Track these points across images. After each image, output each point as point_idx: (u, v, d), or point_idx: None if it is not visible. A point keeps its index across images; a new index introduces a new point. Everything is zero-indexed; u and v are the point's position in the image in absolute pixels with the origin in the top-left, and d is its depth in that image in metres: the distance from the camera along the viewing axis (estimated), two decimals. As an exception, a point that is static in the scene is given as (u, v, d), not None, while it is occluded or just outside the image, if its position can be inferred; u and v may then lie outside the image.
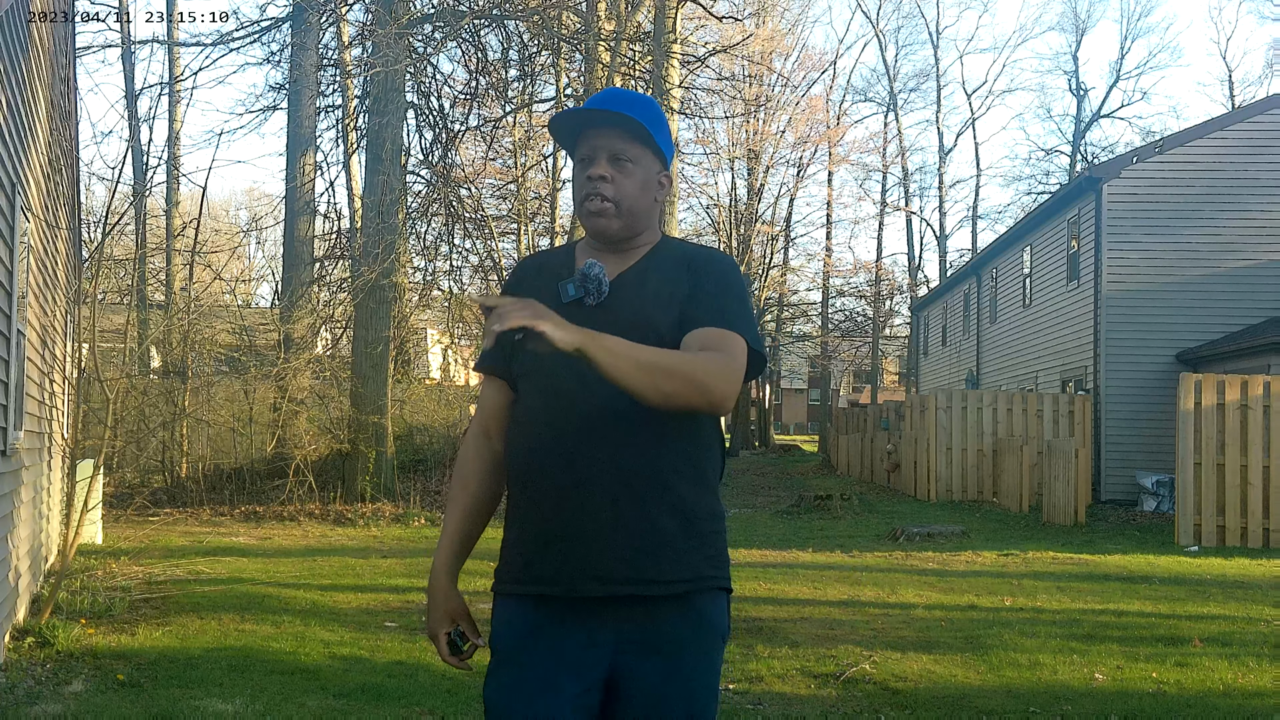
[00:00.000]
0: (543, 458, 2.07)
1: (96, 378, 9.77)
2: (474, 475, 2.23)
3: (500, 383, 2.23)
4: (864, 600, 8.38)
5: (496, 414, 2.24)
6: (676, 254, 2.21)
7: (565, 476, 2.04)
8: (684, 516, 2.07)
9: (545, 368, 2.08)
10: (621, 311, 2.11)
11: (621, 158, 2.16)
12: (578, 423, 2.05)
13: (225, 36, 17.83)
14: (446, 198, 19.05)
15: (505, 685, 2.11)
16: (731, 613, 2.21)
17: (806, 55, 41.74)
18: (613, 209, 2.15)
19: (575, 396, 2.06)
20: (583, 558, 2.03)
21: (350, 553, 11.07)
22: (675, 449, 2.08)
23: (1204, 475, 12.43)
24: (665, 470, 2.06)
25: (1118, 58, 63.38)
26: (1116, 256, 17.97)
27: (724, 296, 2.13)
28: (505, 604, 2.15)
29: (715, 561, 2.11)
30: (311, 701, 5.21)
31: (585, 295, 2.12)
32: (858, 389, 63.13)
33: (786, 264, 42.97)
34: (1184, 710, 5.31)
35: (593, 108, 2.19)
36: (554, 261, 2.27)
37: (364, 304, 15.94)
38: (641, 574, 2.03)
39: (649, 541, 2.04)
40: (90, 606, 7.22)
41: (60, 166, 8.94)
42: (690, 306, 2.11)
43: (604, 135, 2.17)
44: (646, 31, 19.07)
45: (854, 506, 16.16)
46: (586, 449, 2.03)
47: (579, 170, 2.20)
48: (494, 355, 2.20)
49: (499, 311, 1.88)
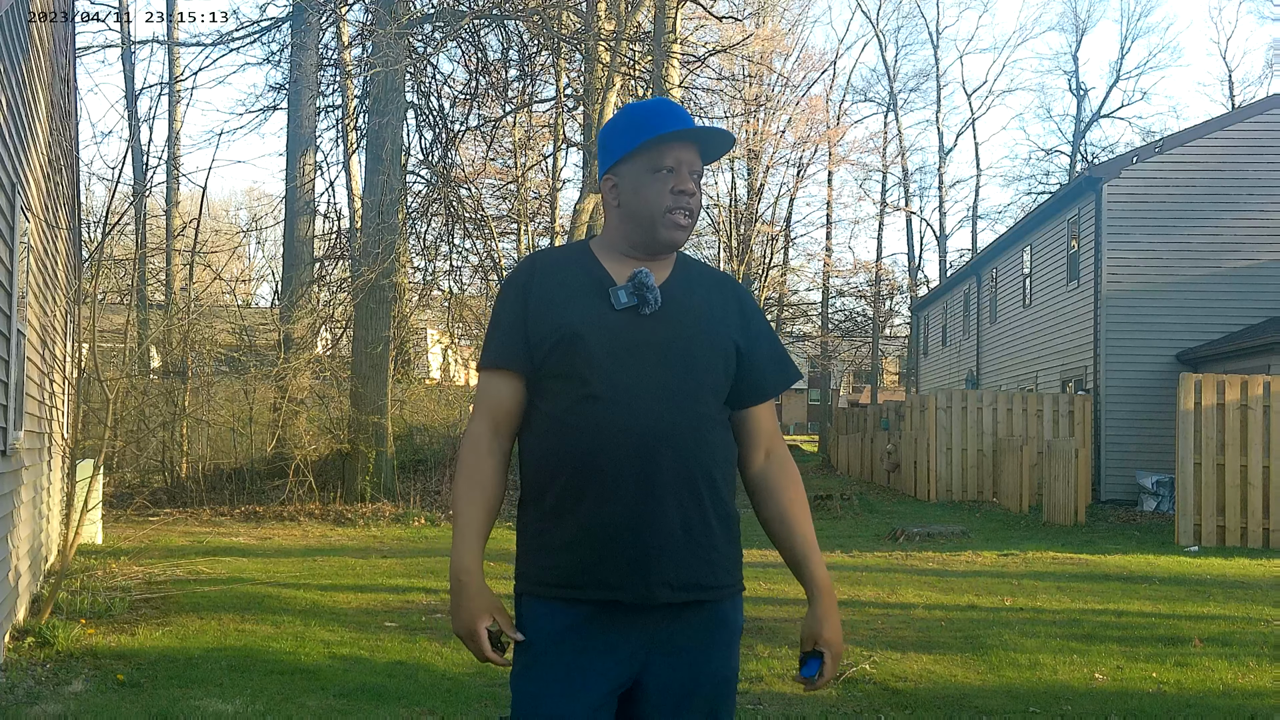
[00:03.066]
0: (606, 459, 2.05)
1: (96, 378, 9.78)
2: (491, 473, 2.18)
3: (518, 381, 2.18)
4: (864, 600, 8.38)
5: (512, 412, 2.20)
6: (707, 274, 2.30)
7: (631, 479, 2.05)
8: (726, 520, 2.16)
9: (597, 369, 2.08)
10: (679, 323, 2.16)
11: (698, 174, 2.22)
12: (639, 426, 2.06)
13: (225, 36, 17.85)
14: (446, 198, 19.05)
15: (540, 684, 2.11)
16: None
17: (806, 55, 41.79)
18: (691, 224, 2.22)
19: (633, 402, 2.07)
20: (656, 562, 2.05)
21: (350, 553, 11.06)
22: (719, 455, 2.14)
23: (1204, 475, 12.43)
24: (715, 475, 2.12)
25: (1118, 58, 63.44)
26: (1116, 256, 17.97)
27: (774, 340, 2.31)
28: (539, 604, 2.13)
29: (741, 565, 2.22)
30: (311, 701, 5.21)
31: (641, 304, 2.14)
32: (858, 389, 63.15)
33: (786, 264, 42.99)
34: (1184, 710, 5.31)
35: (685, 125, 2.20)
36: (572, 260, 2.24)
37: (364, 304, 15.93)
38: (704, 580, 2.11)
39: (707, 547, 2.11)
40: (90, 606, 7.22)
41: (60, 166, 8.93)
42: (755, 357, 2.24)
43: (686, 150, 2.20)
44: (646, 31, 19.06)
45: (854, 506, 16.17)
46: (648, 452, 2.05)
47: (657, 178, 2.18)
48: (515, 351, 2.17)
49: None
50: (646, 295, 2.14)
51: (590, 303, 2.13)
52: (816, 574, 2.23)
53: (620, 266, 2.21)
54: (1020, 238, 23.01)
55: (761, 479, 2.27)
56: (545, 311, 2.14)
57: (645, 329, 2.11)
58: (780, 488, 2.25)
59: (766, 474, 2.26)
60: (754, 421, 2.26)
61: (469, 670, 5.90)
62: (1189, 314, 17.74)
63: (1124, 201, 18.06)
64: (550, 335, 2.11)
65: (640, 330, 2.11)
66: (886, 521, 14.69)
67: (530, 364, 2.15)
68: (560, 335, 2.10)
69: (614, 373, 2.08)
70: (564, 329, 2.10)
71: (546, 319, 2.13)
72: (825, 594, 2.23)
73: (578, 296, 2.14)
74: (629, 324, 2.11)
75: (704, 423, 2.11)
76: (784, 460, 2.28)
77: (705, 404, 2.12)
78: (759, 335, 2.26)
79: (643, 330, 2.11)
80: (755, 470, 2.27)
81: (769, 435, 2.28)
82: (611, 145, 2.23)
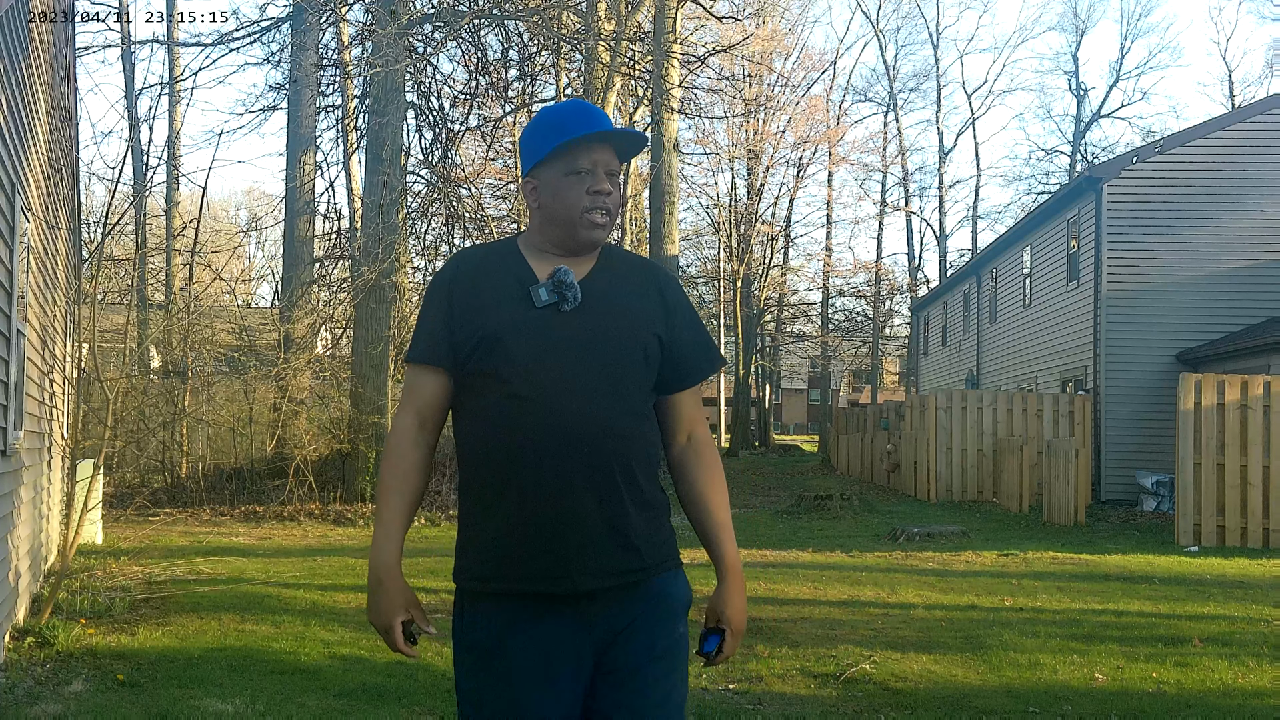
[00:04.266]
0: (528, 457, 2.12)
1: (96, 378, 9.78)
2: (414, 467, 2.26)
3: (443, 377, 2.25)
4: (864, 600, 8.38)
5: (436, 407, 2.27)
6: (631, 264, 2.36)
7: (552, 476, 2.12)
8: (648, 507, 2.22)
9: (518, 368, 2.15)
10: (600, 316, 2.22)
11: (614, 173, 2.28)
12: (559, 424, 2.13)
13: (225, 36, 17.87)
14: (446, 198, 19.05)
15: (496, 680, 2.17)
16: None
17: (806, 55, 41.80)
18: (610, 222, 2.28)
19: (554, 399, 2.14)
20: (577, 554, 2.13)
21: (350, 553, 11.06)
22: (637, 447, 2.20)
23: (1204, 475, 12.43)
24: (633, 466, 2.18)
25: (1118, 58, 63.52)
26: (1116, 256, 17.97)
27: (698, 328, 2.37)
28: (479, 601, 2.20)
29: (671, 544, 2.28)
30: (311, 701, 5.22)
31: (561, 301, 2.21)
32: (858, 389, 63.14)
33: (786, 264, 43.02)
34: (1184, 710, 5.31)
35: (599, 128, 2.25)
36: (497, 259, 2.31)
37: (364, 304, 15.93)
38: (626, 564, 2.17)
39: (627, 533, 2.17)
40: (90, 606, 7.22)
41: (60, 166, 8.93)
42: (678, 345, 2.30)
43: (602, 151, 2.26)
44: (646, 31, 19.07)
45: (854, 506, 16.16)
46: (568, 449, 2.12)
47: (573, 180, 2.25)
48: (440, 348, 2.24)
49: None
50: (565, 292, 2.20)
51: (512, 302, 2.21)
52: (726, 552, 2.31)
53: (544, 264, 2.27)
54: (1020, 238, 23.01)
55: (680, 462, 2.35)
56: (467, 313, 2.22)
57: (566, 326, 2.19)
58: (696, 471, 2.33)
59: (685, 458, 2.35)
60: (675, 407, 2.34)
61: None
62: (1189, 314, 17.74)
63: (1124, 201, 18.06)
64: (472, 336, 2.19)
65: (561, 327, 2.19)
66: (886, 521, 14.69)
67: (454, 362, 2.23)
68: (481, 336, 2.18)
69: (535, 371, 2.15)
70: (485, 330, 2.18)
71: (468, 320, 2.21)
72: (732, 573, 2.30)
73: (500, 296, 2.22)
74: (550, 321, 2.19)
75: (622, 416, 2.17)
76: (702, 444, 2.35)
77: (625, 398, 2.19)
78: (682, 324, 2.32)
79: (564, 327, 2.19)
80: (675, 453, 2.36)
81: (690, 420, 2.35)
82: (529, 149, 2.30)
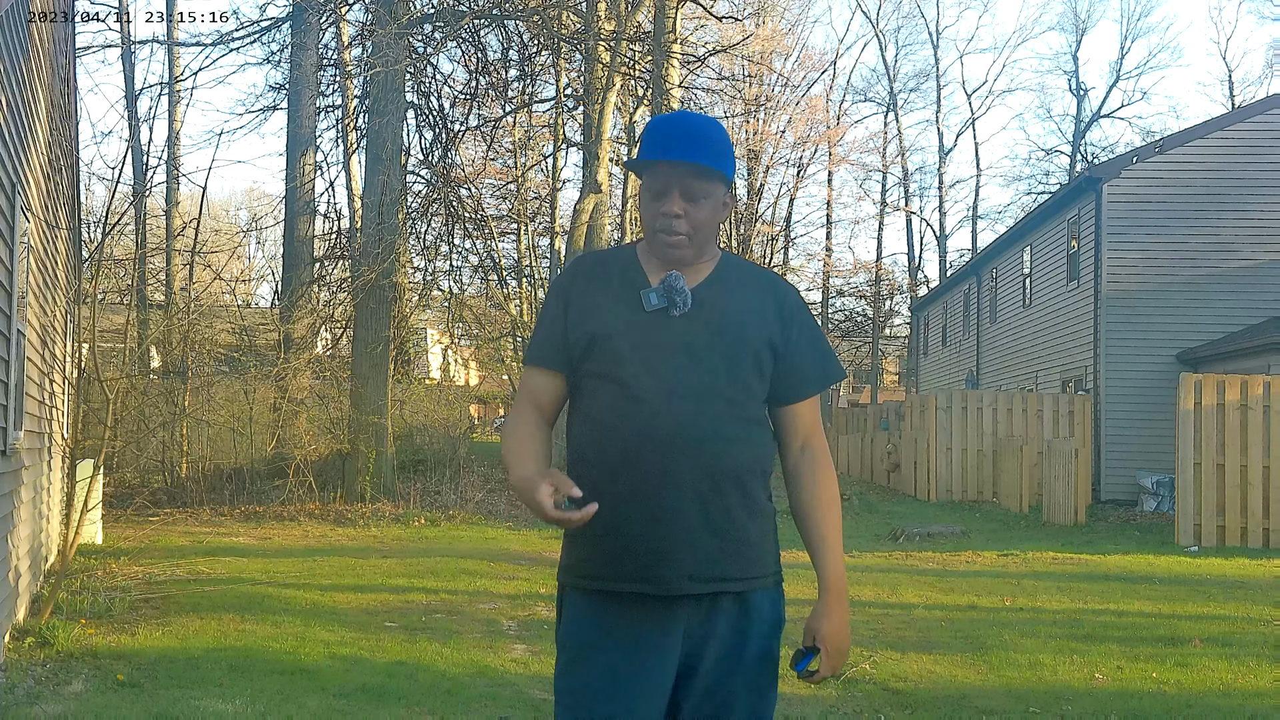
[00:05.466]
0: (633, 457, 2.13)
1: (96, 378, 9.78)
2: (535, 426, 2.27)
3: (557, 379, 2.29)
4: (864, 600, 8.38)
5: (552, 402, 2.31)
6: (750, 274, 2.34)
7: (657, 477, 2.13)
8: (757, 515, 2.22)
9: (627, 370, 2.17)
10: (711, 323, 2.22)
11: (696, 194, 2.23)
12: (667, 426, 2.14)
13: (225, 36, 17.86)
14: (446, 198, 19.07)
15: (592, 676, 2.18)
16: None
17: (806, 55, 41.72)
18: (686, 241, 2.25)
19: (663, 402, 2.15)
20: (676, 556, 2.14)
21: (350, 553, 11.06)
22: (746, 452, 2.21)
23: (1204, 475, 12.43)
24: (741, 471, 2.19)
25: (1118, 58, 63.21)
26: (1116, 256, 17.97)
27: (817, 339, 2.34)
28: (577, 600, 2.23)
29: (773, 557, 2.28)
30: (311, 701, 5.21)
31: (671, 306, 2.22)
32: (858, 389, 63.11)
33: (786, 264, 42.96)
34: (1184, 710, 5.31)
35: (672, 156, 2.20)
36: (614, 263, 2.32)
37: (364, 304, 15.93)
38: (729, 572, 2.17)
39: (735, 541, 2.18)
40: (90, 606, 7.22)
41: (60, 166, 8.93)
42: (794, 356, 2.28)
43: (677, 171, 2.22)
44: (646, 31, 19.06)
45: (854, 506, 16.16)
46: (675, 451, 2.13)
47: (649, 200, 2.24)
48: (554, 350, 2.27)
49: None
50: (675, 297, 2.21)
51: (623, 304, 2.23)
52: (829, 569, 2.26)
53: (658, 270, 2.28)
54: (1020, 238, 23.01)
55: (794, 472, 2.34)
56: (581, 313, 2.24)
57: (675, 330, 2.20)
58: (810, 483, 2.31)
59: (800, 468, 2.33)
60: (792, 417, 2.33)
61: (469, 670, 5.90)
62: (1189, 314, 17.74)
63: (1124, 202, 18.06)
64: (583, 337, 2.22)
65: (669, 331, 2.20)
66: (886, 521, 14.69)
67: (567, 363, 2.26)
68: (592, 336, 2.21)
69: (644, 374, 2.17)
70: (595, 330, 2.21)
71: (581, 321, 2.23)
72: (833, 591, 2.25)
73: (612, 298, 2.24)
74: (659, 325, 2.20)
75: (731, 422, 2.18)
76: (816, 455, 2.33)
77: (734, 403, 2.19)
78: (800, 334, 2.30)
79: (672, 331, 2.20)
80: (790, 464, 2.35)
81: (806, 431, 2.34)
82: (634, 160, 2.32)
